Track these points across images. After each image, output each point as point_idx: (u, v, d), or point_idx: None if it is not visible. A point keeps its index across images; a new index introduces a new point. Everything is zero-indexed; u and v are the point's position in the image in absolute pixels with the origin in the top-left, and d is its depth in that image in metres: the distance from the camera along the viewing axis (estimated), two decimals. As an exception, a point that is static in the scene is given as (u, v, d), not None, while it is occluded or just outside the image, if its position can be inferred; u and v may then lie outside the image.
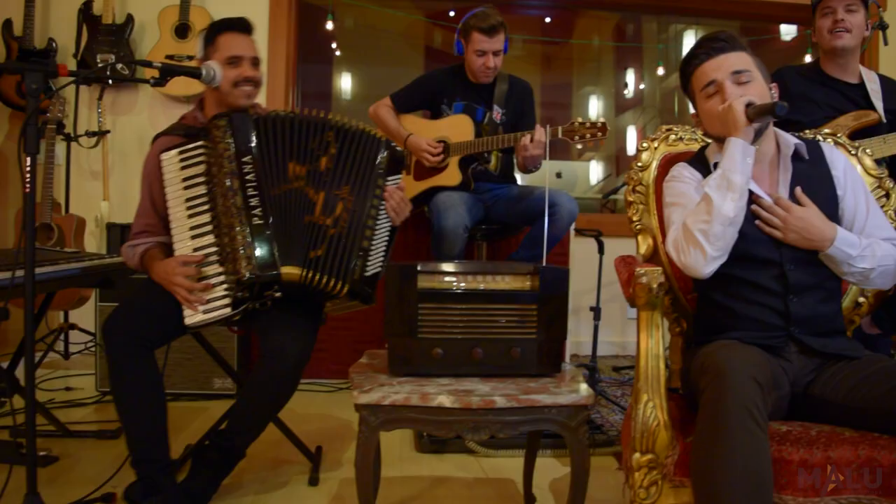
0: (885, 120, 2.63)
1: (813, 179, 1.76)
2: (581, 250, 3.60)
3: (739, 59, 1.74)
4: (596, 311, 3.36)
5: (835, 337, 1.72)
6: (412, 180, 3.11)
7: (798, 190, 1.70)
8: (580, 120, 2.77)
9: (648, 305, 1.56)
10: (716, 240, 1.59)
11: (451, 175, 3.02)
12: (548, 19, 5.97)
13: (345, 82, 6.91)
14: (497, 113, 3.09)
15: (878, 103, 2.64)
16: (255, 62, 2.22)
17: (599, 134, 2.74)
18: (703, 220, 1.60)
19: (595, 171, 6.67)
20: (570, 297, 3.58)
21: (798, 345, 1.68)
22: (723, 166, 1.63)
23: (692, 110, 1.93)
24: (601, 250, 3.43)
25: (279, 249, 2.03)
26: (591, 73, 6.88)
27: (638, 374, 1.56)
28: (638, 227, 2.02)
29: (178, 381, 3.23)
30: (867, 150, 2.06)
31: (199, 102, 2.31)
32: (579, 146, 2.81)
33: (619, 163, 6.62)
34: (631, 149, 6.63)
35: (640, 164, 2.04)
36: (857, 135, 2.61)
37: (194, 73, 2.14)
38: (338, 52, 5.88)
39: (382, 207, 2.15)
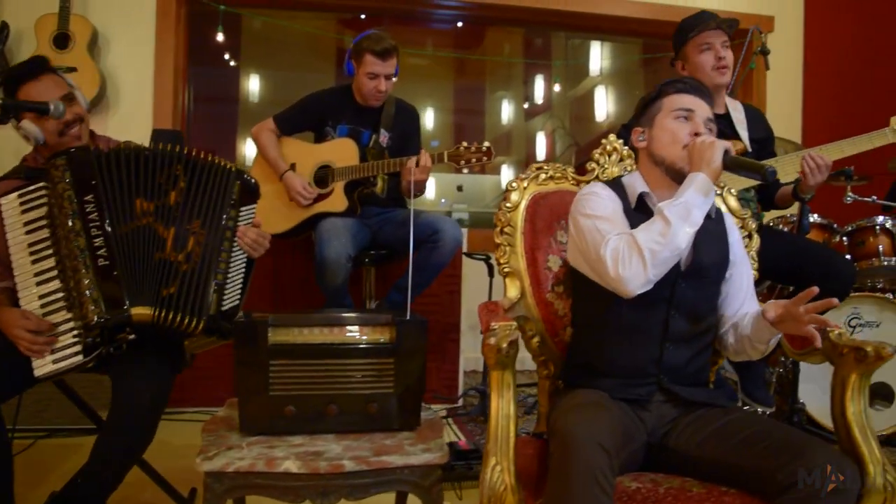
0: (750, 149, 2.69)
1: (714, 237, 1.76)
2: (475, 265, 3.58)
3: (710, 112, 1.77)
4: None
5: (702, 388, 1.75)
6: (296, 207, 3.02)
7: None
8: (465, 144, 2.75)
9: (499, 365, 1.53)
10: (660, 264, 1.56)
11: (337, 201, 2.95)
12: (459, 23, 5.95)
13: (252, 85, 6.74)
14: (384, 136, 3.03)
15: (744, 133, 2.70)
16: (68, 98, 2.08)
17: (485, 158, 2.72)
18: (657, 241, 1.55)
19: (507, 177, 6.69)
20: (465, 316, 3.65)
21: (665, 394, 1.68)
22: (685, 197, 1.58)
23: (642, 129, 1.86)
24: (491, 273, 3.41)
25: (128, 290, 1.93)
26: (503, 78, 6.91)
27: (488, 435, 1.52)
28: (506, 269, 1.99)
29: (53, 416, 3.06)
30: (732, 191, 2.09)
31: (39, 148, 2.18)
32: (465, 170, 2.78)
33: (528, 167, 6.65)
34: (541, 154, 6.68)
35: (508, 204, 2.01)
36: (724, 164, 2.67)
37: (40, 109, 2.00)
38: (231, 60, 5.71)
39: (236, 240, 2.08)
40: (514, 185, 2.03)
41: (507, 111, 7.29)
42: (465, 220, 5.07)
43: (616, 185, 1.80)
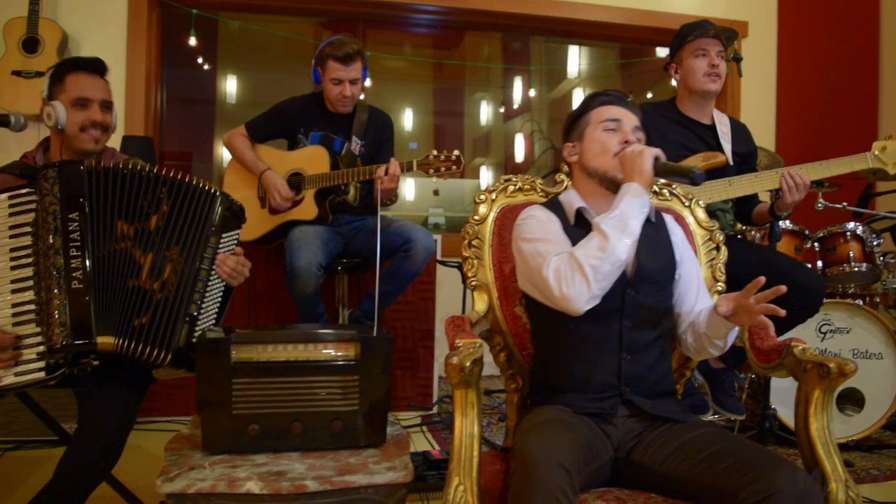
0: (731, 162, 2.69)
1: (656, 241, 1.77)
2: (451, 272, 3.57)
3: (638, 120, 1.78)
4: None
5: (664, 398, 1.73)
6: (267, 214, 2.99)
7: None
8: (435, 153, 2.73)
9: (462, 384, 1.51)
10: (603, 279, 1.55)
11: (307, 209, 2.92)
12: (438, 27, 5.93)
13: (230, 87, 6.69)
14: (356, 144, 3.01)
15: (727, 146, 2.70)
16: (106, 105, 2.08)
17: (454, 167, 2.71)
18: (596, 256, 1.55)
19: (486, 178, 6.68)
20: (439, 322, 3.63)
21: (628, 407, 1.67)
22: (620, 208, 1.59)
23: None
24: (465, 280, 3.39)
25: (97, 316, 1.88)
26: (481, 80, 6.90)
27: (451, 455, 1.51)
28: (474, 283, 1.98)
29: (21, 427, 3.00)
30: (700, 203, 2.09)
31: (44, 141, 2.15)
32: (434, 178, 2.77)
33: (507, 169, 6.65)
34: (519, 155, 6.68)
35: (476, 217, 2.00)
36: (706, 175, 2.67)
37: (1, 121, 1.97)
38: (207, 62, 5.64)
39: (214, 268, 2.02)
40: (482, 197, 2.02)
41: (485, 113, 7.27)
42: (442, 225, 5.04)
43: (553, 204, 1.81)
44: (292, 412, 1.67)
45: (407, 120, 7.27)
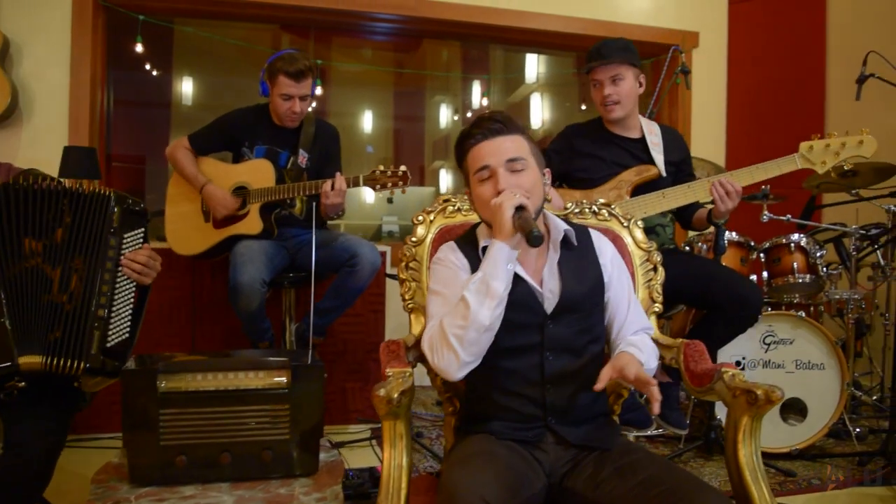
0: (664, 174, 2.70)
1: (581, 266, 1.74)
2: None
3: (515, 145, 1.67)
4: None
5: (593, 423, 1.71)
6: (211, 228, 2.94)
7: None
8: (381, 168, 2.70)
9: (390, 416, 1.50)
10: (470, 346, 1.55)
11: (252, 223, 2.87)
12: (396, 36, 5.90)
13: (185, 89, 6.60)
14: (302, 157, 2.97)
15: (659, 157, 2.71)
16: None
17: (401, 182, 2.69)
18: (459, 326, 1.55)
19: (445, 181, 6.68)
20: (389, 334, 3.61)
21: (554, 435, 1.67)
22: (484, 269, 1.58)
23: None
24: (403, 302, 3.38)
25: (16, 337, 1.84)
26: (441, 83, 6.89)
27: (380, 487, 1.49)
28: (411, 305, 1.97)
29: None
30: (639, 223, 2.10)
31: None
32: (380, 194, 2.74)
33: (468, 174, 6.64)
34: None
35: (414, 239, 1.98)
36: (640, 189, 2.68)
37: None
38: (161, 65, 5.56)
39: (121, 270, 1.98)
40: (419, 218, 2.01)
41: (445, 116, 7.28)
42: (396, 233, 5.01)
43: (469, 239, 1.78)
44: (222, 442, 1.65)
45: (367, 123, 7.24)
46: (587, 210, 2.09)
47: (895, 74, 3.24)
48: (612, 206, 2.12)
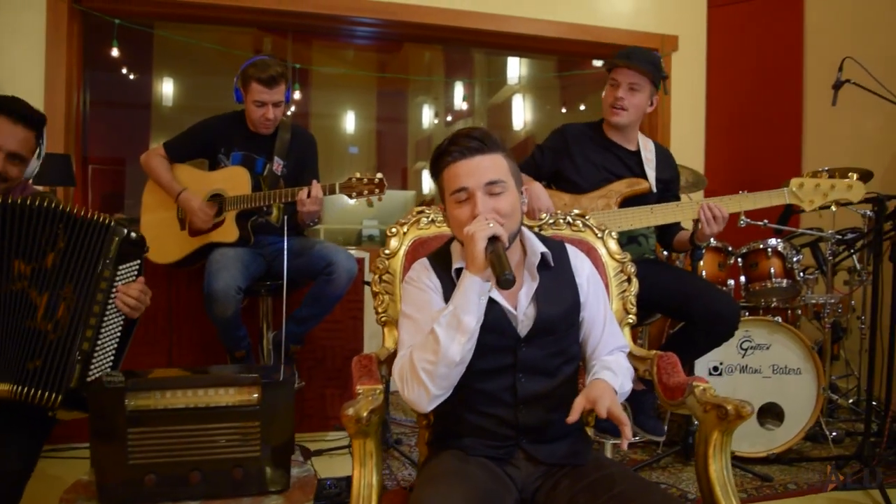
0: (654, 190, 2.71)
1: (556, 287, 1.71)
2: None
3: (494, 165, 1.61)
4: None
5: (566, 440, 1.70)
6: (187, 236, 2.92)
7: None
8: (358, 175, 2.68)
9: (360, 434, 1.49)
10: (440, 380, 1.53)
11: (228, 231, 2.85)
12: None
13: (166, 90, 6.57)
14: (278, 164, 2.95)
15: (651, 172, 2.72)
16: (14, 157, 1.98)
17: (377, 190, 2.67)
18: (429, 361, 1.52)
19: (428, 182, 6.66)
20: (367, 341, 3.61)
21: (525, 453, 1.66)
22: (455, 303, 1.53)
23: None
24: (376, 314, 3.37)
25: None
26: (424, 84, 6.90)
27: (350, 505, 1.49)
28: (384, 318, 1.96)
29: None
30: (613, 234, 2.09)
31: None
32: (353, 202, 2.73)
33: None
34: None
35: (387, 251, 1.97)
36: (629, 202, 2.68)
37: None
38: (140, 67, 5.53)
39: (111, 302, 1.94)
40: (393, 230, 2.00)
41: (427, 116, 7.28)
42: (377, 237, 4.99)
43: (443, 255, 1.74)
44: (191, 460, 1.62)
45: (349, 124, 7.22)
46: (561, 221, 2.08)
47: (871, 80, 3.25)
48: (587, 217, 2.11)
